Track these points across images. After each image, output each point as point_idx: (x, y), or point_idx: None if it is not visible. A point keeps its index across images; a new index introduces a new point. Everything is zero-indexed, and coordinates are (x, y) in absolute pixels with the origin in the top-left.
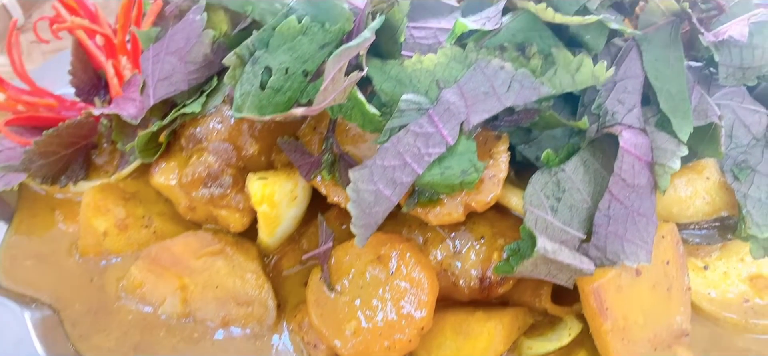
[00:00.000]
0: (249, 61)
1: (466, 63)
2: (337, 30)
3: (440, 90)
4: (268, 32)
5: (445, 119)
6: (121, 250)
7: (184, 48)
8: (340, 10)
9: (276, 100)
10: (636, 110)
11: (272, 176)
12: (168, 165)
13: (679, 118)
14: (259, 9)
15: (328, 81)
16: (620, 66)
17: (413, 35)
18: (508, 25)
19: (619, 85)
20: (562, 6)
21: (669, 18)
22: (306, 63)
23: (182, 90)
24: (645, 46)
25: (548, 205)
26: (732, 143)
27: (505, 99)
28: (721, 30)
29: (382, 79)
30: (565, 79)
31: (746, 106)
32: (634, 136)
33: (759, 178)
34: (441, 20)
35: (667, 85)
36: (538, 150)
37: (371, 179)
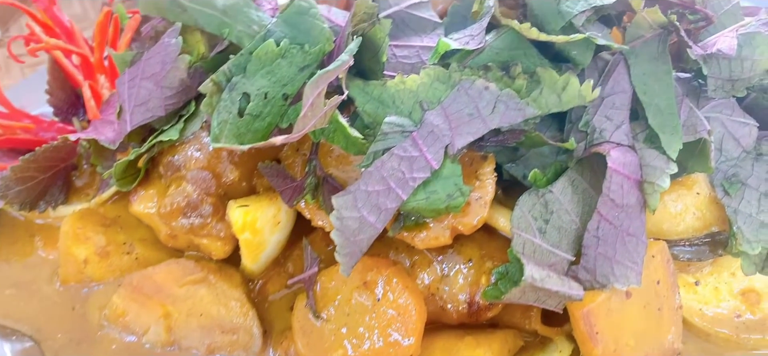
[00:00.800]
0: (226, 88)
1: (449, 83)
2: (317, 51)
3: (424, 112)
4: (245, 57)
5: (429, 141)
6: (103, 277)
7: (159, 73)
8: (319, 31)
9: (255, 126)
10: (624, 126)
11: (254, 202)
12: (147, 193)
13: (668, 134)
14: (235, 32)
15: (306, 107)
16: (608, 81)
17: (396, 54)
18: (492, 43)
19: (606, 101)
20: (547, 22)
21: (656, 31)
22: (285, 86)
23: (160, 116)
24: (633, 59)
25: (536, 227)
26: (722, 157)
27: (490, 121)
28: (710, 42)
29: (364, 100)
30: (550, 99)
31: (736, 118)
32: (622, 154)
33: (749, 192)
34: (424, 38)
35: (656, 99)
36: (525, 169)
37: (355, 206)
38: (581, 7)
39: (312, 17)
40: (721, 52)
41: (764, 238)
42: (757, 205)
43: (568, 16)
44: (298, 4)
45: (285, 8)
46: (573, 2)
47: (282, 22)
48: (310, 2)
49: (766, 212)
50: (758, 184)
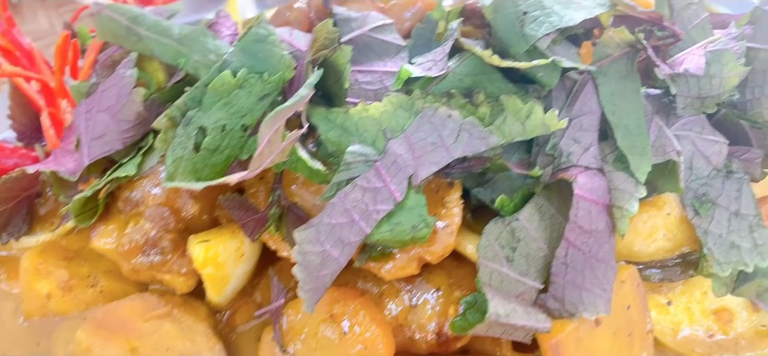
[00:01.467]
0: (181, 123)
1: (412, 111)
2: (276, 79)
3: (387, 140)
4: (201, 90)
5: (392, 172)
6: (67, 311)
7: (115, 106)
8: (279, 58)
9: (213, 161)
10: (593, 148)
11: (215, 236)
12: (107, 228)
13: (637, 155)
14: (191, 62)
15: (263, 145)
16: (575, 102)
17: (358, 80)
18: (455, 69)
19: (574, 122)
20: (511, 45)
21: (624, 49)
22: (244, 117)
23: (117, 149)
24: (601, 79)
25: (503, 255)
26: (692, 175)
27: (454, 150)
28: (678, 60)
29: (327, 128)
30: (514, 127)
31: (706, 136)
32: (589, 179)
33: (719, 212)
34: (387, 63)
35: (625, 119)
36: (493, 193)
37: (318, 240)
38: (545, 29)
39: (271, 44)
40: (688, 71)
41: (734, 259)
42: (727, 225)
43: (532, 40)
44: (256, 31)
45: (243, 36)
46: (537, 25)
47: (239, 50)
48: (268, 29)
49: (736, 233)
50: (728, 203)
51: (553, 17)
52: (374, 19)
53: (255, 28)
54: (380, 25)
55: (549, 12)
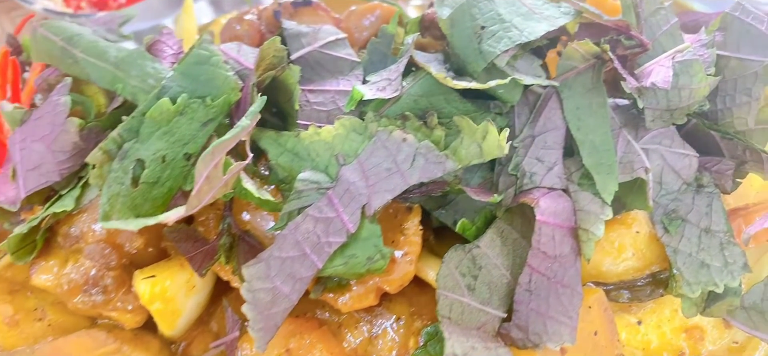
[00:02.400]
0: (117, 157)
1: (366, 134)
2: (221, 103)
3: (340, 166)
4: (138, 119)
5: (345, 201)
6: (14, 345)
7: (50, 136)
8: (223, 80)
9: (153, 194)
10: (557, 167)
11: (162, 269)
12: (47, 264)
13: (603, 174)
14: (129, 87)
15: (201, 182)
16: (539, 117)
17: (309, 101)
18: (409, 89)
19: (538, 139)
20: (468, 62)
21: (590, 61)
22: (187, 146)
23: (55, 181)
24: (566, 93)
25: (464, 284)
26: (662, 190)
27: (409, 176)
28: (646, 70)
29: (277, 152)
30: (471, 149)
31: (675, 150)
32: (553, 202)
33: (689, 229)
34: (340, 81)
35: (591, 135)
36: (455, 214)
37: (268, 275)
38: (504, 45)
39: (213, 66)
40: (656, 85)
41: (704, 280)
42: (697, 243)
43: (490, 57)
44: (197, 53)
45: (183, 59)
46: (495, 40)
47: (180, 74)
48: (210, 50)
49: (706, 251)
50: (698, 219)
51: (513, 32)
52: (326, 34)
53: (196, 50)
54: (333, 40)
55: (508, 26)
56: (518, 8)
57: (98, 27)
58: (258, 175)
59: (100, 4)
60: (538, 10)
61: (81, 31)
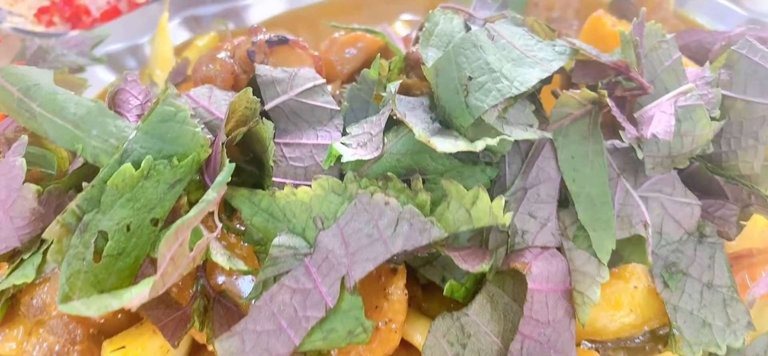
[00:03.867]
0: (77, 230)
1: (345, 196)
2: (189, 163)
3: (318, 230)
4: (98, 187)
5: (323, 270)
6: None
7: (6, 201)
8: (191, 137)
9: (118, 267)
10: (550, 223)
11: (133, 338)
12: (11, 332)
13: (600, 231)
14: (90, 148)
15: (165, 264)
16: (532, 168)
17: (285, 155)
18: (392, 147)
19: (530, 192)
20: (455, 116)
21: (586, 107)
22: (154, 210)
23: (15, 247)
24: (560, 141)
25: (452, 354)
26: (662, 240)
27: (392, 244)
28: (646, 115)
29: (251, 212)
30: (459, 215)
31: (677, 198)
32: (546, 265)
33: (691, 284)
34: (319, 132)
35: (587, 187)
36: (443, 271)
37: (243, 350)
38: (493, 99)
39: (180, 123)
40: (657, 136)
41: (705, 340)
42: (699, 299)
43: (478, 112)
44: (162, 110)
45: (147, 116)
46: (483, 93)
47: (144, 134)
48: (176, 105)
49: (708, 308)
50: (700, 273)
51: (502, 83)
52: (303, 80)
53: (161, 106)
54: (310, 87)
55: (497, 76)
56: (509, 53)
57: (69, 49)
58: (233, 231)
59: (73, 20)
60: (531, 52)
61: (39, 80)
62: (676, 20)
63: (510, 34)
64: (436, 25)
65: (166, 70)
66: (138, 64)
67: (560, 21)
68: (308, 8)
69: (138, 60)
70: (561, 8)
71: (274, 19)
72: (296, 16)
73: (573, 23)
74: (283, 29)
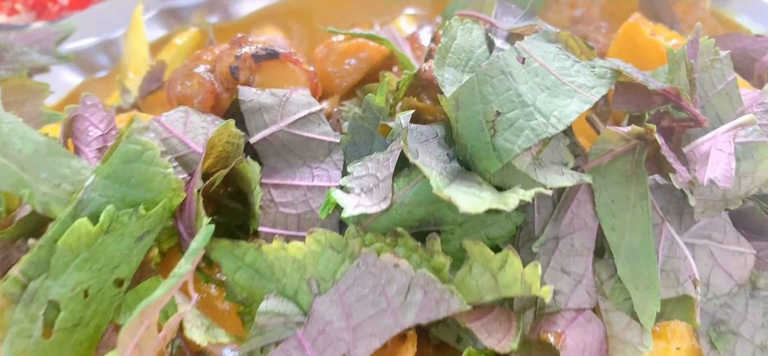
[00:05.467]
0: (21, 301)
1: (346, 254)
2: (159, 211)
3: (314, 295)
4: (47, 248)
5: (319, 346)
6: None
7: None
8: (161, 180)
9: (75, 340)
10: (586, 280)
11: None
12: None
13: (642, 290)
14: (38, 195)
15: (130, 350)
16: (565, 213)
17: (274, 200)
18: (403, 197)
19: (563, 243)
20: (479, 158)
21: (631, 143)
22: (117, 269)
23: None
24: (599, 181)
25: None
26: (709, 293)
27: (403, 316)
28: (698, 152)
29: (234, 267)
30: (483, 281)
31: (728, 246)
32: (582, 334)
33: (742, 346)
34: (315, 170)
35: (628, 236)
36: (458, 330)
37: None
38: (525, 141)
39: (147, 164)
40: (715, 183)
41: None
42: None
43: (507, 156)
44: (126, 149)
45: (107, 156)
46: (513, 133)
47: (104, 179)
48: (142, 143)
49: None
50: (752, 333)
51: (536, 120)
52: (296, 106)
53: (124, 144)
54: (304, 115)
55: (530, 111)
56: (542, 79)
57: (31, 46)
58: (214, 281)
59: (38, 7)
60: (568, 77)
61: None
62: (713, 21)
63: (543, 55)
64: (453, 39)
65: (141, 72)
66: (111, 62)
67: (585, 22)
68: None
69: (111, 57)
70: (585, 5)
71: (264, 11)
72: (288, 9)
73: (601, 25)
74: (274, 23)
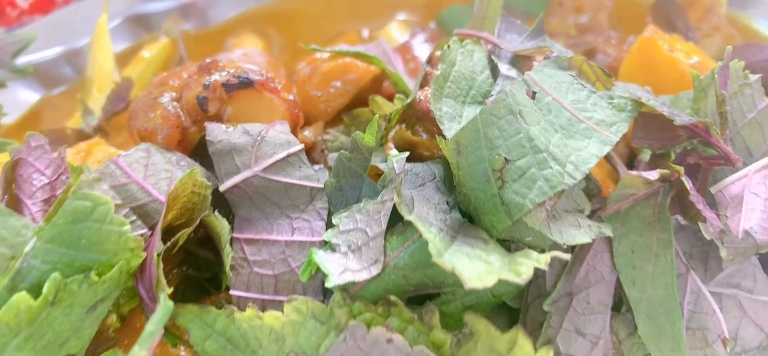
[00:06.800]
0: None
1: (331, 324)
2: (114, 276)
3: None
4: None
5: None
6: None
7: None
8: (116, 239)
9: None
10: (603, 341)
11: None
12: None
13: (667, 353)
14: None
15: None
16: (580, 266)
17: (248, 258)
18: (397, 259)
19: (578, 299)
20: (485, 212)
21: (655, 186)
22: (67, 345)
23: None
24: (618, 229)
25: None
26: (737, 347)
27: None
28: (727, 193)
29: (203, 335)
30: None
31: (758, 296)
32: None
33: None
34: (295, 221)
35: (649, 290)
36: None
37: None
38: (538, 195)
39: (99, 222)
40: (751, 234)
41: None
42: None
43: (517, 212)
44: (73, 206)
45: (51, 215)
46: (524, 185)
47: (47, 243)
48: (93, 198)
49: None
50: None
51: (551, 169)
52: (273, 147)
53: (71, 202)
54: (283, 157)
55: (543, 158)
56: (556, 117)
57: None
58: (183, 343)
59: None
60: (585, 112)
61: None
62: (730, 28)
63: (555, 87)
64: (451, 65)
65: (105, 90)
66: (75, 74)
67: (594, 31)
68: (284, 2)
69: (76, 69)
70: (592, 10)
71: (243, 16)
72: (269, 13)
73: (611, 35)
74: (253, 31)
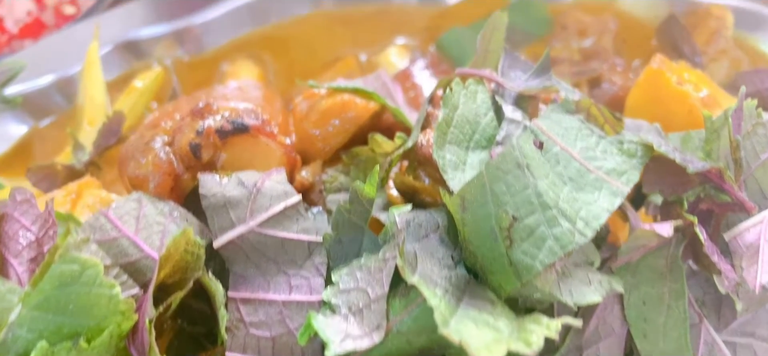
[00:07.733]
0: None
1: None
2: (105, 341)
3: None
4: None
5: None
6: None
7: None
8: (106, 303)
9: None
10: None
11: None
12: None
13: None
14: None
15: None
16: (590, 320)
17: (244, 319)
18: (400, 324)
19: (588, 355)
20: (492, 272)
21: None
22: None
23: None
24: (628, 280)
25: None
26: None
27: None
28: (741, 241)
29: None
30: None
31: None
32: None
33: None
34: (293, 278)
35: (661, 343)
36: None
37: None
38: (548, 255)
39: (87, 286)
40: None
41: None
42: None
43: (527, 274)
44: (59, 271)
45: (36, 281)
46: (532, 245)
47: (33, 310)
48: (80, 261)
49: None
50: None
51: (560, 227)
52: (269, 199)
53: (57, 266)
54: (280, 211)
55: (552, 216)
56: (565, 168)
57: None
58: None
59: None
60: (594, 161)
61: None
62: (737, 51)
63: (563, 134)
64: (454, 109)
65: (97, 122)
66: (67, 103)
67: (599, 57)
68: (280, 27)
69: (66, 98)
70: (596, 33)
71: (238, 41)
72: (265, 38)
73: (616, 63)
74: (248, 56)
